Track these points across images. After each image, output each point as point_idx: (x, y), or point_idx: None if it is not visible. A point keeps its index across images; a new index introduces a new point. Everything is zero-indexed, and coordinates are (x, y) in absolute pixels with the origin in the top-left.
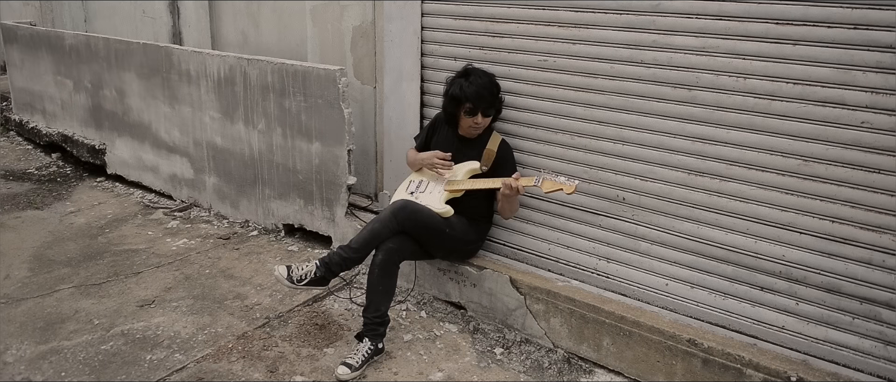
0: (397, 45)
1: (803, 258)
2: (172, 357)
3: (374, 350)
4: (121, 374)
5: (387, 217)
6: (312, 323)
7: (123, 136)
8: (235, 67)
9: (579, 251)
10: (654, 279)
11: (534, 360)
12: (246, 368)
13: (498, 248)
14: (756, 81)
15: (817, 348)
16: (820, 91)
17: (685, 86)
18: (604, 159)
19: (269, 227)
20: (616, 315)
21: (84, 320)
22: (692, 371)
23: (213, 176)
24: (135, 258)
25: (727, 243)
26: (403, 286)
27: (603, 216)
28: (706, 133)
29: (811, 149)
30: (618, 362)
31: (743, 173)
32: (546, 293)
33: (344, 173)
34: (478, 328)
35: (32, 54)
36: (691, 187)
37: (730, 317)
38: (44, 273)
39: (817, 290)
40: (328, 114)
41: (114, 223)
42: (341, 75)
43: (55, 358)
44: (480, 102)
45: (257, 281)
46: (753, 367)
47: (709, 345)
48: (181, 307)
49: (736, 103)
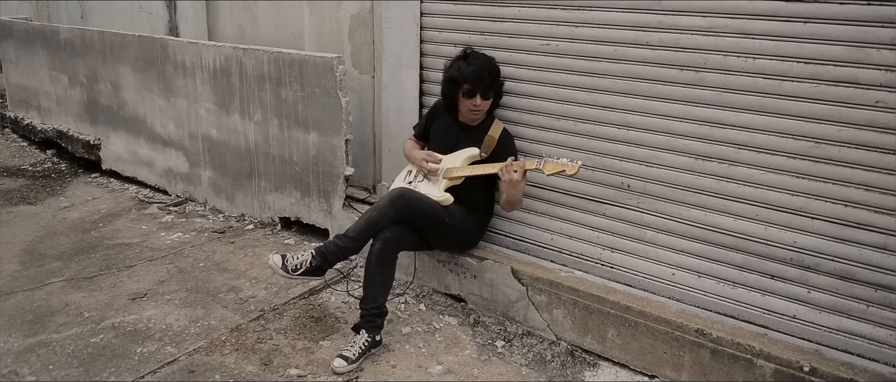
0: (396, 31)
1: (815, 244)
2: (164, 349)
3: (372, 342)
4: (110, 367)
5: (385, 205)
6: (308, 316)
7: (118, 131)
8: (231, 57)
9: (583, 241)
10: (660, 269)
11: (536, 353)
12: (239, 361)
13: (499, 239)
14: (766, 62)
15: (830, 337)
16: (832, 70)
17: (692, 68)
18: (608, 145)
19: (266, 220)
20: (621, 305)
21: (74, 313)
22: (700, 362)
23: (209, 170)
24: (128, 252)
25: (736, 230)
26: (402, 278)
27: (607, 205)
28: (714, 116)
29: (823, 130)
30: (623, 354)
31: (752, 156)
32: (549, 283)
33: (341, 164)
34: (478, 321)
35: (28, 50)
36: (698, 172)
37: (739, 307)
38: (35, 267)
39: (830, 277)
40: (325, 103)
41: (107, 218)
42: (339, 63)
43: (43, 351)
44: (479, 82)
45: (252, 274)
46: (764, 357)
47: (718, 335)
48: (174, 300)
49: (745, 85)
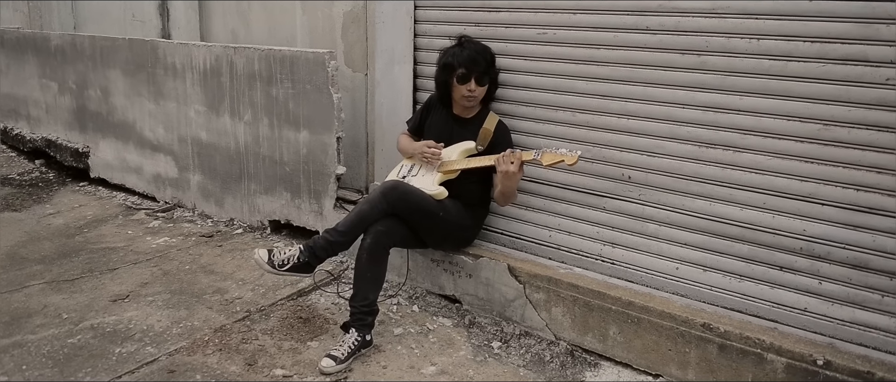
0: (389, 26)
1: (826, 231)
2: (143, 350)
3: (362, 341)
4: (86, 367)
5: (376, 198)
6: (296, 317)
7: (108, 137)
8: (222, 56)
9: (582, 237)
10: (663, 264)
11: (534, 354)
12: (222, 361)
13: (495, 237)
14: (771, 42)
15: (844, 330)
16: (840, 48)
17: (694, 51)
18: (608, 135)
19: (255, 224)
20: (623, 301)
21: (52, 314)
22: (707, 358)
23: (198, 174)
24: (112, 256)
25: (742, 219)
26: (394, 280)
27: (607, 198)
28: (718, 101)
29: (832, 111)
30: (625, 352)
31: (758, 142)
32: (547, 280)
33: (333, 162)
34: (474, 322)
35: (18, 58)
36: (702, 160)
37: (747, 301)
38: (15, 270)
39: (842, 267)
40: (317, 99)
41: (93, 224)
42: (330, 58)
43: (17, 352)
44: (474, 66)
45: (239, 276)
46: (775, 351)
47: (725, 329)
48: (157, 301)
49: (749, 67)
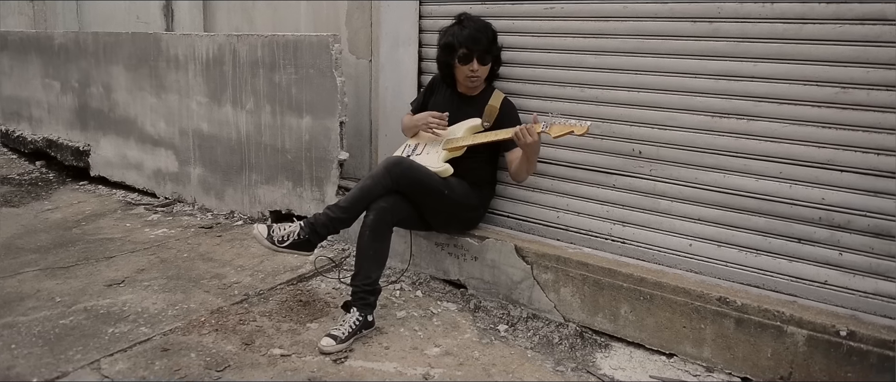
0: (394, 7)
1: (845, 199)
2: (137, 330)
3: (363, 322)
4: (77, 345)
5: (379, 173)
6: (296, 300)
7: (108, 134)
8: (225, 45)
9: (591, 217)
10: (676, 241)
11: (542, 336)
12: (218, 341)
13: (501, 220)
14: (784, 5)
15: (866, 303)
16: (857, 8)
17: (706, 18)
18: (617, 110)
19: (255, 216)
20: (635, 278)
21: (45, 298)
22: (724, 334)
23: (199, 167)
24: (109, 245)
25: (758, 190)
26: (397, 266)
27: (617, 175)
28: (731, 69)
29: (850, 73)
30: (638, 332)
31: (773, 109)
32: (555, 259)
33: (335, 148)
34: (479, 306)
35: (21, 59)
36: (716, 131)
37: (764, 276)
38: (9, 259)
39: (863, 235)
40: (320, 84)
41: (91, 218)
42: (334, 41)
43: (7, 332)
44: (476, 45)
45: (238, 263)
46: (796, 323)
47: (742, 303)
48: (153, 286)
49: (763, 32)
